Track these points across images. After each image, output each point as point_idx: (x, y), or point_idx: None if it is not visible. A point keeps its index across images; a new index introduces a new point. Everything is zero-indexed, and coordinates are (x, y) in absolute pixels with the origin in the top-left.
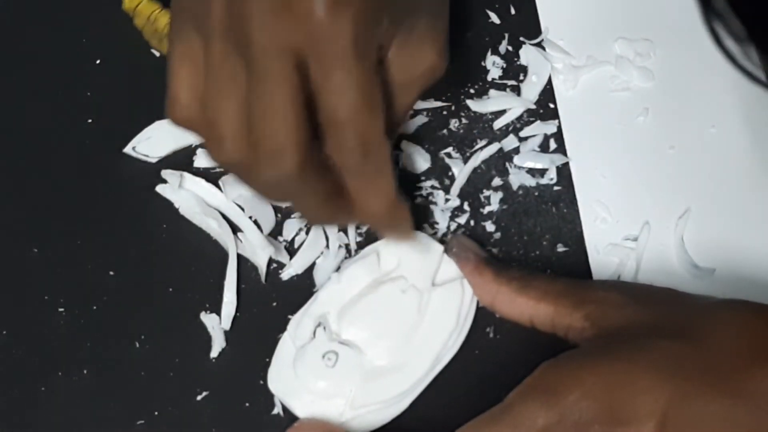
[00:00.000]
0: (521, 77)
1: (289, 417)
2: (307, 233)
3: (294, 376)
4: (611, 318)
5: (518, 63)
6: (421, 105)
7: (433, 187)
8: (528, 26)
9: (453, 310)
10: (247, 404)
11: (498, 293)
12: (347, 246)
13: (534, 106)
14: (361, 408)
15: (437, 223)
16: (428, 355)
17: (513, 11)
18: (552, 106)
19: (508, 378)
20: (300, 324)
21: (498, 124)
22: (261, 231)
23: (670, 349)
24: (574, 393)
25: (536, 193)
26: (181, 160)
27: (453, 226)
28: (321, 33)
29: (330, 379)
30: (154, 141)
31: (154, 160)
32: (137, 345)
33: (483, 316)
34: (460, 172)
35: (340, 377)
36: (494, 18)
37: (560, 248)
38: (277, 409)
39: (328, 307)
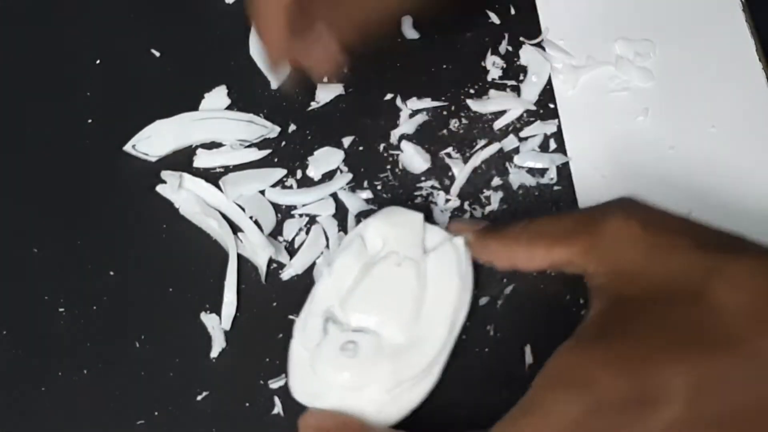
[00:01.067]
0: (521, 77)
1: (290, 417)
2: (307, 233)
3: (316, 379)
4: (621, 261)
5: (518, 63)
6: (421, 105)
7: (433, 187)
8: (528, 26)
9: (453, 271)
10: (247, 404)
11: (512, 254)
12: None
13: (534, 107)
14: (396, 389)
15: (437, 223)
16: (443, 321)
17: (513, 11)
18: (552, 106)
19: (511, 375)
20: (306, 326)
21: (498, 124)
22: (261, 231)
23: (689, 316)
24: (606, 376)
25: (536, 193)
26: (181, 159)
27: None
28: None
29: (354, 369)
30: (154, 140)
31: (153, 159)
32: (137, 345)
33: (482, 314)
34: (460, 172)
35: (364, 365)
36: (494, 18)
37: None
38: (277, 409)
39: (329, 302)
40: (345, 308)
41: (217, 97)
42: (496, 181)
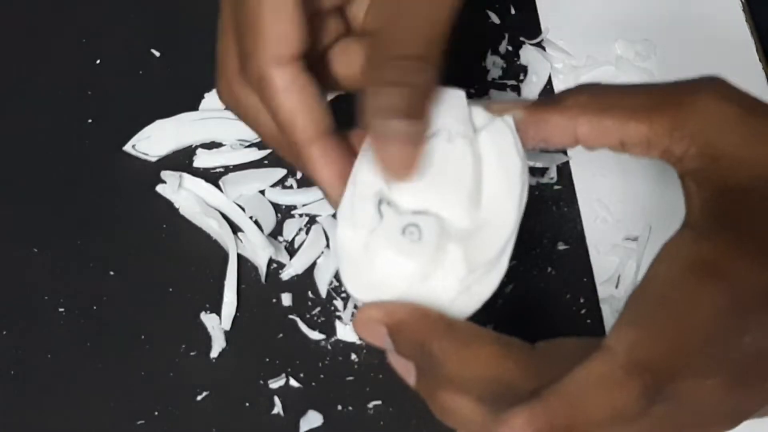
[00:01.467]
0: (521, 77)
1: (290, 417)
2: (307, 233)
3: (373, 268)
4: (720, 144)
5: (518, 63)
6: None
7: None
8: (528, 26)
9: (510, 147)
10: (247, 404)
11: (576, 129)
12: None
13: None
14: (468, 277)
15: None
16: (510, 201)
17: (513, 11)
18: None
19: None
20: (354, 211)
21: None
22: (261, 231)
23: None
24: (743, 269)
25: (537, 193)
26: (181, 159)
27: None
28: None
29: (420, 256)
30: (154, 140)
31: (153, 159)
32: (137, 345)
33: (482, 314)
34: None
35: (430, 249)
36: (494, 18)
37: (561, 247)
38: (277, 409)
39: (377, 185)
40: (397, 191)
41: (217, 97)
42: None
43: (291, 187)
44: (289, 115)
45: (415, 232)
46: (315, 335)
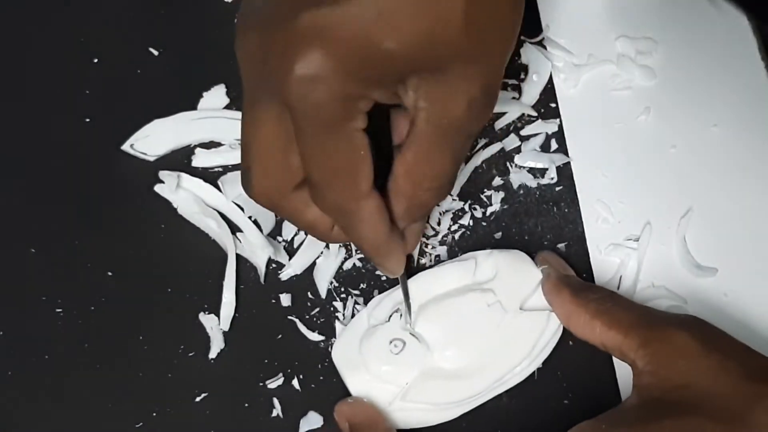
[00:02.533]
0: (522, 76)
1: (289, 418)
2: (306, 233)
3: (358, 353)
4: (672, 369)
5: (519, 62)
6: None
7: None
8: (528, 24)
9: (531, 338)
10: (246, 405)
11: (573, 314)
12: (347, 246)
13: (535, 106)
14: (411, 403)
15: (438, 224)
16: (493, 374)
17: None
18: (553, 105)
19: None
20: (380, 304)
21: (499, 123)
22: (260, 231)
23: None
24: None
25: (537, 193)
26: (180, 159)
27: (454, 226)
28: (293, 99)
29: (391, 365)
30: (153, 139)
31: (152, 158)
32: (135, 346)
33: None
34: (461, 171)
35: (400, 366)
36: None
37: (562, 248)
38: (276, 411)
39: (413, 296)
40: (420, 311)
41: (216, 96)
42: (497, 180)
43: None
44: (372, 233)
45: (399, 347)
46: (314, 336)
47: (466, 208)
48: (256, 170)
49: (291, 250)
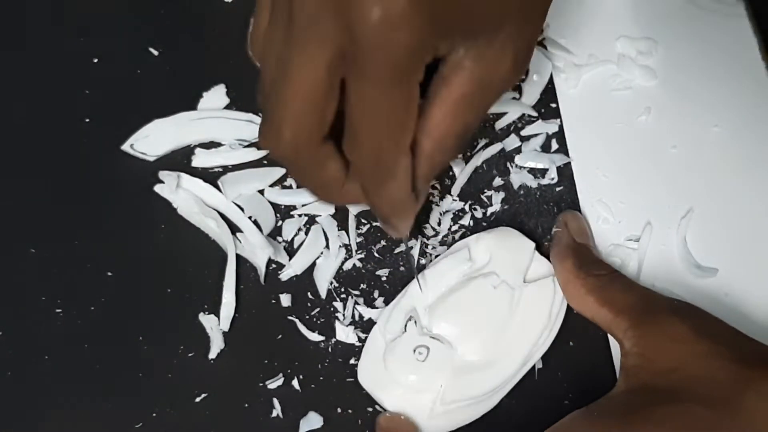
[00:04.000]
0: (522, 76)
1: (289, 418)
2: (306, 234)
3: (384, 370)
4: (661, 352)
5: None
6: None
7: (433, 187)
8: None
9: (545, 308)
10: (246, 405)
11: (570, 284)
12: (347, 246)
13: (535, 106)
14: (452, 403)
15: (439, 224)
16: (519, 353)
17: None
18: (554, 105)
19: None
20: (390, 318)
21: (500, 123)
22: (260, 231)
23: (705, 419)
24: None
25: (538, 194)
26: (179, 159)
27: (455, 227)
28: (367, 43)
29: (420, 373)
30: (152, 139)
31: (152, 159)
32: (135, 346)
33: None
34: (461, 172)
35: (430, 371)
36: None
37: None
38: (276, 412)
39: (418, 301)
40: (431, 313)
41: (216, 96)
42: (498, 181)
43: (290, 187)
44: (404, 190)
45: (424, 353)
46: (314, 336)
47: (467, 208)
48: (288, 115)
49: (291, 251)
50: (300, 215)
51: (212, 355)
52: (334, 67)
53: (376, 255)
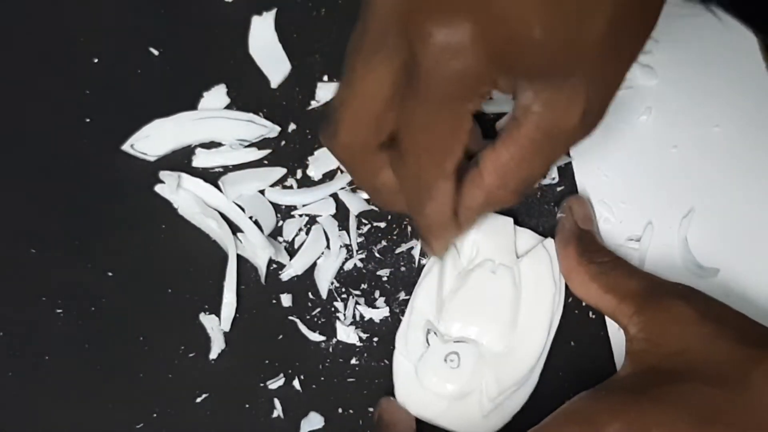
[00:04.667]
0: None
1: (290, 419)
2: (307, 234)
3: (422, 390)
4: (667, 335)
5: None
6: None
7: None
8: None
9: (547, 274)
10: (246, 406)
11: (573, 271)
12: (348, 246)
13: None
14: (498, 396)
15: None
16: (540, 324)
17: None
18: None
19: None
20: (408, 339)
21: (500, 123)
22: (261, 231)
23: (713, 398)
24: (612, 426)
25: (539, 194)
26: (180, 159)
27: None
28: (424, 63)
29: (458, 380)
30: (153, 139)
31: (152, 159)
32: (136, 346)
33: None
34: None
35: (467, 374)
36: None
37: None
38: (277, 412)
39: (427, 313)
40: (444, 318)
41: (216, 97)
42: None
43: (291, 187)
44: (441, 213)
45: (455, 360)
46: (315, 336)
47: None
48: (347, 118)
49: (292, 251)
50: (301, 215)
51: (213, 355)
52: (397, 81)
53: (377, 255)
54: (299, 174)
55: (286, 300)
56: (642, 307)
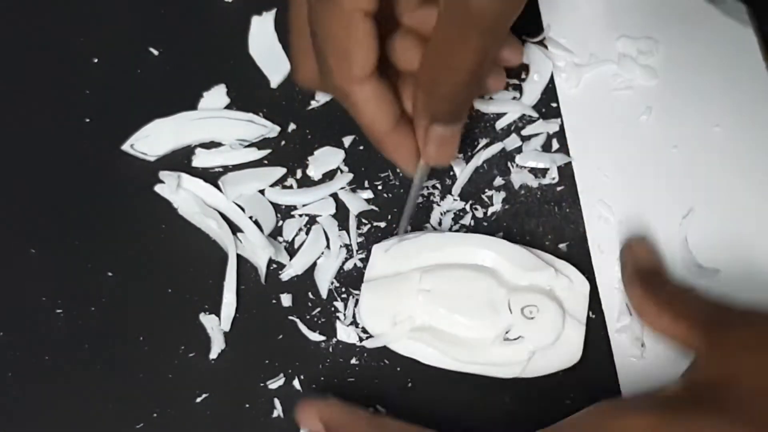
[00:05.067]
0: (523, 76)
1: (290, 419)
2: (307, 234)
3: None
4: (729, 359)
5: None
6: None
7: (434, 187)
8: (529, 24)
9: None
10: (246, 405)
11: (643, 306)
12: (348, 246)
13: (535, 112)
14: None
15: (440, 224)
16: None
17: None
18: (554, 104)
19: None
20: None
21: (500, 123)
22: (261, 231)
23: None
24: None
25: (538, 194)
26: (180, 159)
27: (455, 226)
28: None
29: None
30: (153, 139)
31: (152, 159)
32: (136, 346)
33: None
34: (462, 171)
35: (537, 327)
36: None
37: (563, 248)
38: (277, 412)
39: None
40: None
41: (216, 96)
42: (498, 181)
43: (291, 187)
44: (369, 120)
45: (534, 312)
46: (315, 336)
47: (467, 208)
48: (333, 58)
49: (292, 251)
50: (300, 215)
51: (213, 355)
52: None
53: None
54: (299, 174)
55: (286, 300)
56: (712, 331)
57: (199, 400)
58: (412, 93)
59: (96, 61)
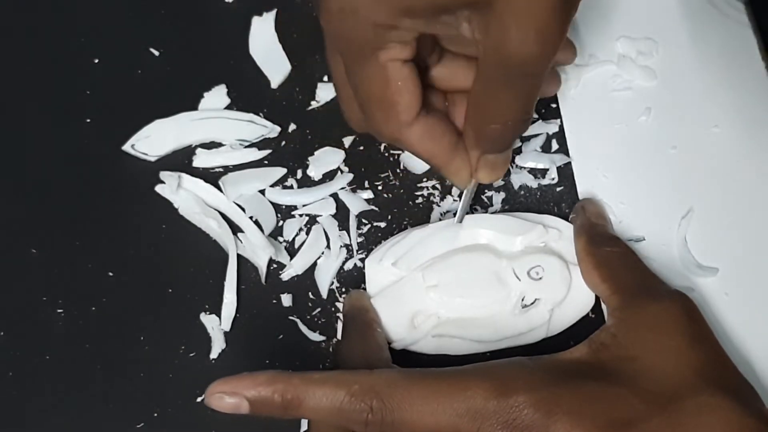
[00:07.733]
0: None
1: (291, 420)
2: (307, 234)
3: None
4: (632, 338)
5: None
6: None
7: (434, 187)
8: None
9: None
10: None
11: (582, 261)
12: (348, 246)
13: (534, 113)
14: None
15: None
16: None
17: None
18: (554, 105)
19: None
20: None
21: None
22: (261, 231)
23: (634, 410)
24: (522, 396)
25: (538, 194)
26: (180, 159)
27: None
28: (330, 29)
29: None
30: (153, 139)
31: (153, 159)
32: (136, 346)
33: None
34: None
35: (541, 286)
36: None
37: None
38: None
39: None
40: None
41: (217, 97)
42: (498, 181)
43: (291, 187)
44: (427, 157)
45: (540, 273)
46: (315, 336)
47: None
48: (377, 111)
49: (292, 251)
50: (301, 215)
51: (213, 355)
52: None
53: None
54: (299, 174)
55: (286, 300)
56: (626, 303)
57: (199, 399)
58: (463, 127)
59: (97, 61)
